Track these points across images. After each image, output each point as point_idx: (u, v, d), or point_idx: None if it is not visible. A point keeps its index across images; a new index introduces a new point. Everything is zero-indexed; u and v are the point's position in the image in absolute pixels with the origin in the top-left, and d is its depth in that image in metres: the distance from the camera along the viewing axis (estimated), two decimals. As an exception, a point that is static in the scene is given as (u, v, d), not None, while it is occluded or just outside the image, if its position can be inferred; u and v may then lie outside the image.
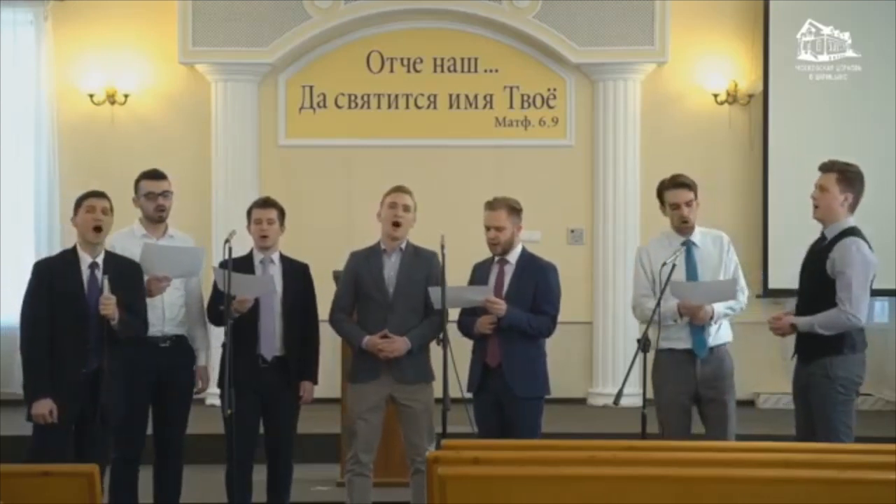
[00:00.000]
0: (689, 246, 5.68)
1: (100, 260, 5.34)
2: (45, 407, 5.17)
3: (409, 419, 5.70)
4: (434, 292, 5.51)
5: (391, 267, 5.71)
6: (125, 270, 5.40)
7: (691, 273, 5.65)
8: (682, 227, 5.67)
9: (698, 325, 5.55)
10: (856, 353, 5.39)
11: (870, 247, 5.40)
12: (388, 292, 5.68)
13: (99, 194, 5.42)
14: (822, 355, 5.35)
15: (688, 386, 5.61)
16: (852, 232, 5.40)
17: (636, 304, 5.69)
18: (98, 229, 5.32)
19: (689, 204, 5.64)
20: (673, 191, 5.69)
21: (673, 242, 5.69)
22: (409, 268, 5.70)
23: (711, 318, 5.54)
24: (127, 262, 5.48)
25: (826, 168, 5.47)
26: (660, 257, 5.59)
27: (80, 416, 5.25)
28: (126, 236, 5.83)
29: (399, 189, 5.77)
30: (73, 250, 5.38)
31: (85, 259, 5.33)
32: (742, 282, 5.70)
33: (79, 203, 5.39)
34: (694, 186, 5.69)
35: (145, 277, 5.55)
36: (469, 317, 5.73)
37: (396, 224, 5.67)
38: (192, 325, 5.88)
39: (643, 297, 5.64)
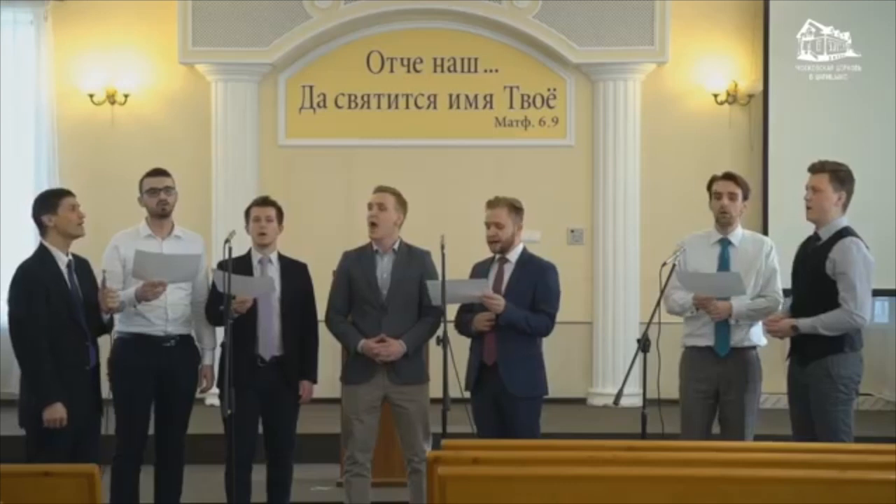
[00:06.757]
0: (724, 245, 5.69)
1: (70, 257, 5.38)
2: (59, 412, 5.18)
3: (404, 420, 5.70)
4: (432, 286, 5.50)
5: (384, 268, 5.71)
6: (86, 266, 5.49)
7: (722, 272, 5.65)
8: (721, 218, 5.67)
9: (716, 320, 5.56)
10: (855, 352, 5.40)
11: (867, 246, 5.41)
12: (382, 294, 5.67)
13: (70, 192, 5.47)
14: (823, 355, 5.35)
15: (709, 384, 5.63)
16: (849, 232, 5.41)
17: (666, 296, 5.63)
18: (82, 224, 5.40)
19: (731, 197, 5.64)
20: (721, 181, 5.71)
21: (711, 239, 5.72)
22: (402, 268, 5.70)
23: (730, 315, 5.54)
24: (82, 259, 5.51)
25: (817, 169, 5.47)
26: (695, 253, 5.66)
27: (85, 414, 5.29)
28: (130, 236, 5.84)
29: (376, 189, 5.78)
30: (47, 250, 5.35)
31: (61, 258, 5.34)
32: (777, 288, 5.67)
33: (54, 203, 5.37)
34: (743, 185, 5.69)
35: (139, 283, 5.56)
36: (467, 314, 5.72)
37: (373, 224, 5.68)
38: (200, 324, 5.87)
39: (672, 289, 5.64)
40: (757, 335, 5.71)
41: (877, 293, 6.24)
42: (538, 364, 5.75)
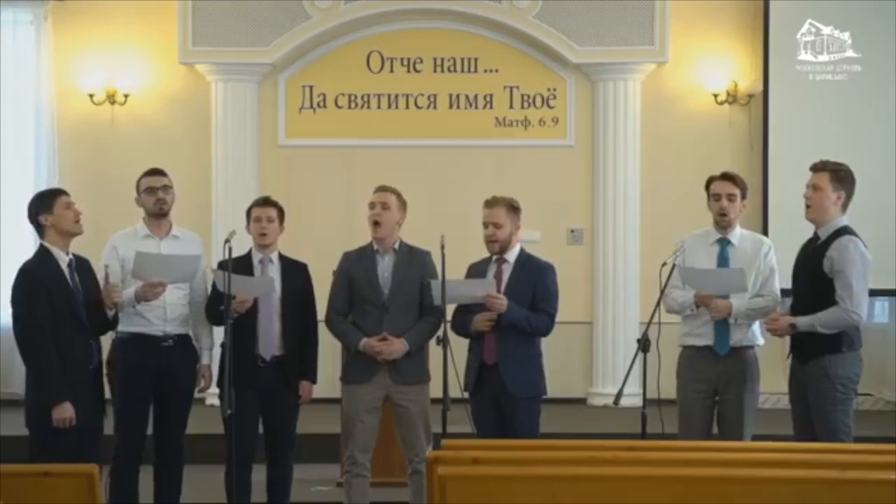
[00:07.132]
0: (724, 245, 5.70)
1: (71, 256, 5.39)
2: (68, 411, 5.19)
3: (405, 420, 5.69)
4: (435, 286, 5.49)
5: (385, 267, 5.71)
6: (87, 265, 5.49)
7: None
8: (721, 219, 5.69)
9: (716, 318, 5.57)
10: (853, 351, 5.40)
11: (865, 245, 5.41)
12: (384, 293, 5.67)
13: (64, 191, 5.52)
14: (821, 354, 5.35)
15: (708, 384, 5.64)
16: (847, 230, 5.41)
17: (665, 295, 5.62)
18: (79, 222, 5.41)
19: (730, 198, 5.65)
20: (719, 182, 5.72)
21: (710, 238, 5.74)
22: (403, 268, 5.70)
23: (730, 313, 5.54)
24: (83, 258, 5.52)
25: (818, 168, 5.49)
26: (695, 252, 5.67)
27: (88, 413, 5.30)
28: (128, 236, 5.84)
29: (378, 188, 5.78)
30: (47, 251, 5.35)
31: (62, 258, 5.35)
32: (775, 288, 5.68)
33: (49, 203, 5.39)
34: (741, 184, 5.70)
35: (138, 283, 5.57)
36: (465, 314, 5.71)
37: (376, 223, 5.68)
38: (197, 323, 5.88)
39: (672, 288, 5.64)
40: (755, 335, 5.72)
41: (877, 293, 6.26)
42: (538, 364, 5.74)
